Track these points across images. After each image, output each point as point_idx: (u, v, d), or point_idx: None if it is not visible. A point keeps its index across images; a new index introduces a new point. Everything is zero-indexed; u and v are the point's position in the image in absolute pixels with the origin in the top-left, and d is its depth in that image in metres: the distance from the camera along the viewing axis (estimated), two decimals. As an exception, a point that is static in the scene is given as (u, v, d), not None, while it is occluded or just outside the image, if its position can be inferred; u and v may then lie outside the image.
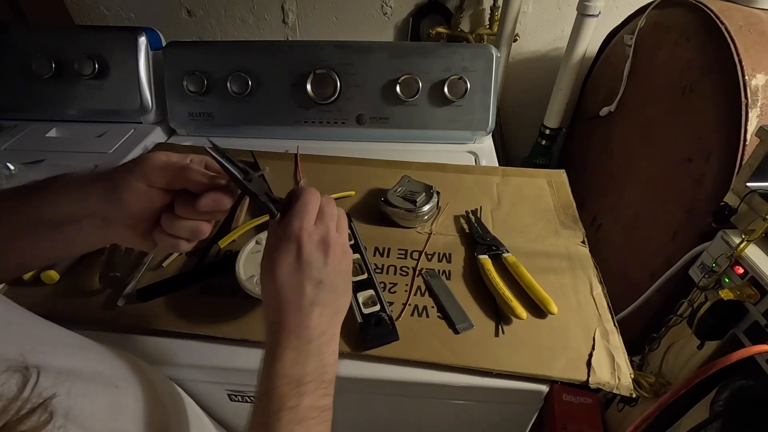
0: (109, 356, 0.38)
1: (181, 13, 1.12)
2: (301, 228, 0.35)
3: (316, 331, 0.35)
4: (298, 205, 0.36)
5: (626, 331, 0.52)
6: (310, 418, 0.33)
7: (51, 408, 0.25)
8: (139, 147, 0.84)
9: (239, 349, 0.49)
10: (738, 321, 0.58)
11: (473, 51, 0.81)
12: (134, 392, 0.36)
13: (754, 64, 0.66)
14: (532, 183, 0.75)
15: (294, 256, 0.35)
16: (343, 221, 0.39)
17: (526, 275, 0.55)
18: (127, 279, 0.55)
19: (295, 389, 0.33)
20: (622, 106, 0.94)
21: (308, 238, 0.35)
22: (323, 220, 0.37)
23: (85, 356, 0.35)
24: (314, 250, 0.35)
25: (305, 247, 0.35)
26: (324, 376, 0.35)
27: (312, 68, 0.82)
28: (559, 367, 0.47)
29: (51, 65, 0.83)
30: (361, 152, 0.82)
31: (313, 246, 0.35)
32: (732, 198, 0.62)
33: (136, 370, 0.39)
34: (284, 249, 0.35)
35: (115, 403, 0.34)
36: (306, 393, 0.33)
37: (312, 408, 0.33)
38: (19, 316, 0.33)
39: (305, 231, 0.35)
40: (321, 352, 0.35)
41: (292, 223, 0.35)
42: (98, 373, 0.34)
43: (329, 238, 0.36)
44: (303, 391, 0.33)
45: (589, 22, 0.92)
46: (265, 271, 0.36)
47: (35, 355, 0.28)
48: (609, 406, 0.89)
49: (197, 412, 0.51)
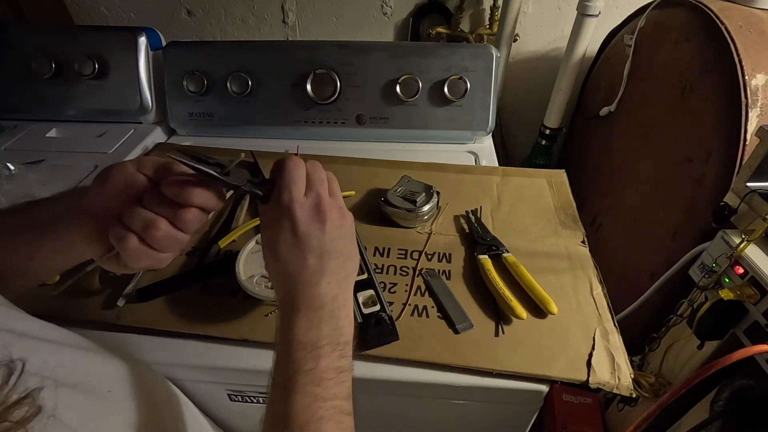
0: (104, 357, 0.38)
1: (181, 13, 1.12)
2: (291, 201, 0.34)
3: (327, 297, 0.35)
4: (283, 179, 0.34)
5: (626, 331, 0.52)
6: (328, 379, 0.32)
7: (39, 402, 0.25)
8: (139, 147, 0.84)
9: (239, 349, 0.49)
10: (738, 321, 0.58)
11: (473, 51, 0.81)
12: (128, 395, 0.36)
13: (754, 64, 0.66)
14: (532, 183, 0.75)
15: (290, 231, 0.34)
16: (334, 183, 0.38)
17: (526, 275, 0.55)
18: (127, 279, 0.55)
19: (311, 353, 0.33)
20: (622, 106, 0.94)
21: (301, 210, 0.34)
22: (313, 187, 0.35)
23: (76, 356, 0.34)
24: (309, 221, 0.34)
25: (299, 220, 0.34)
26: (340, 338, 0.35)
27: (312, 68, 0.82)
28: (559, 367, 0.47)
29: (51, 65, 0.83)
30: (361, 152, 0.82)
31: (307, 217, 0.34)
32: (732, 198, 0.62)
33: (132, 371, 0.39)
34: (279, 227, 0.34)
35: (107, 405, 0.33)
36: (322, 356, 0.33)
37: (329, 369, 0.33)
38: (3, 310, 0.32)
39: (296, 203, 0.34)
40: (334, 317, 0.35)
41: (282, 198, 0.34)
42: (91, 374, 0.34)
43: (322, 205, 0.35)
44: (319, 354, 0.33)
45: (589, 22, 0.92)
46: (266, 252, 0.36)
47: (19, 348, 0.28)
48: (609, 406, 0.89)
49: (194, 413, 0.51)
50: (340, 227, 0.36)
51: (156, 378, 0.46)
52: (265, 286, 0.52)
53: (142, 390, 0.38)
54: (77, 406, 0.29)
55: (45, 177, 0.74)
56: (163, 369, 0.49)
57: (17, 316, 0.33)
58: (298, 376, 0.32)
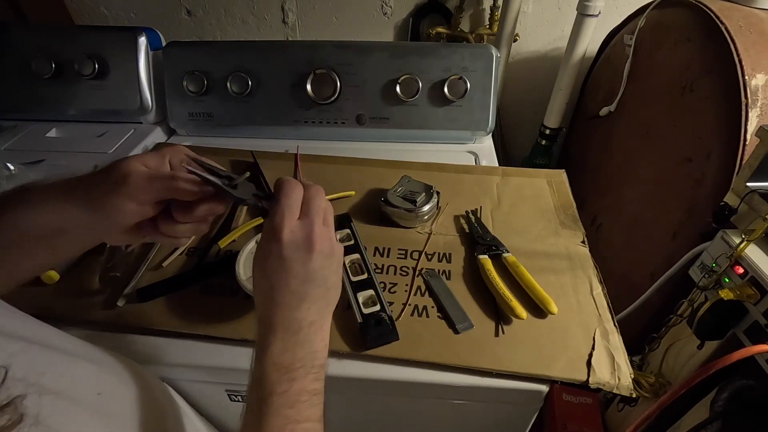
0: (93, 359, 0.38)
1: (181, 13, 1.12)
2: (282, 225, 0.35)
3: (305, 322, 0.35)
4: (279, 202, 0.35)
5: (626, 331, 0.52)
6: (302, 402, 0.33)
7: (22, 410, 0.25)
8: (139, 147, 0.84)
9: (239, 349, 0.49)
10: (738, 321, 0.58)
11: (473, 51, 0.81)
12: (121, 397, 0.36)
13: (754, 64, 0.66)
14: (532, 183, 0.75)
15: (277, 255, 0.35)
16: (330, 214, 0.39)
17: (526, 275, 0.55)
18: (127, 279, 0.55)
19: (285, 375, 0.33)
20: (622, 106, 0.94)
21: (290, 236, 0.35)
22: (309, 213, 0.36)
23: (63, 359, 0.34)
24: (297, 247, 0.35)
25: (286, 245, 0.34)
26: (314, 361, 0.35)
27: (312, 68, 0.82)
28: (559, 367, 0.47)
29: (51, 65, 0.83)
30: (361, 152, 0.82)
31: (296, 242, 0.35)
32: (732, 198, 0.62)
33: (125, 372, 0.39)
34: (268, 248, 0.35)
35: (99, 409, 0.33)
36: (296, 378, 0.33)
37: (303, 392, 0.33)
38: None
39: (287, 228, 0.35)
40: (310, 341, 0.35)
41: (274, 221, 0.35)
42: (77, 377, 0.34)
43: (313, 234, 0.35)
44: (293, 377, 0.33)
45: (589, 22, 0.92)
46: (255, 269, 0.36)
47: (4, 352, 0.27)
48: (609, 406, 0.89)
49: (190, 415, 0.50)
50: (328, 257, 0.37)
51: (148, 378, 0.46)
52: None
53: (133, 392, 0.38)
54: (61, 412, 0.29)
55: (45, 177, 0.74)
56: (163, 369, 0.49)
57: (5, 314, 0.33)
58: (272, 397, 0.32)
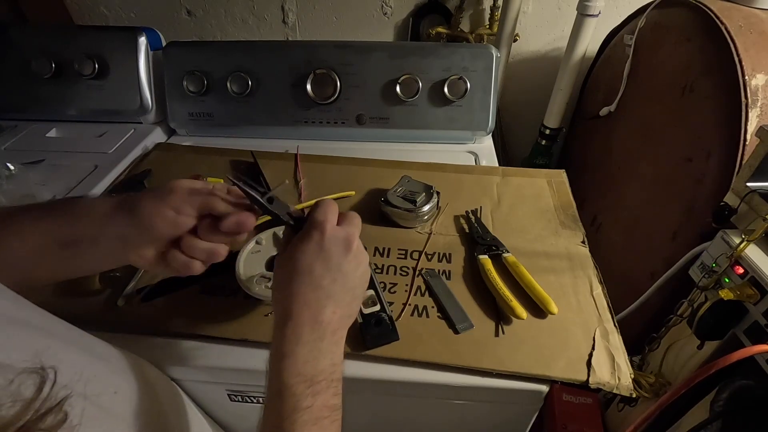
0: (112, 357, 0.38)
1: (181, 13, 1.12)
2: (325, 220, 0.36)
3: (329, 328, 0.35)
4: (319, 209, 0.37)
5: (626, 331, 0.52)
6: (324, 418, 0.32)
7: (66, 407, 0.25)
8: (139, 147, 0.84)
9: (239, 349, 0.49)
10: (738, 321, 0.58)
11: (473, 51, 0.81)
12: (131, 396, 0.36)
13: (754, 64, 0.66)
14: (532, 183, 0.75)
15: (317, 241, 0.35)
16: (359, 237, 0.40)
17: (526, 275, 0.55)
18: (127, 279, 0.55)
19: (309, 388, 0.32)
20: (622, 106, 0.94)
21: (332, 231, 0.36)
22: (349, 223, 0.38)
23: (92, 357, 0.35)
24: (337, 243, 0.36)
25: (328, 237, 0.36)
26: (334, 375, 0.35)
27: (312, 68, 0.82)
28: (559, 367, 0.47)
29: (51, 65, 0.83)
30: (361, 152, 0.82)
31: (336, 239, 0.36)
32: (732, 198, 0.62)
33: (136, 371, 0.39)
34: (306, 236, 0.36)
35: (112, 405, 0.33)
36: (319, 392, 0.33)
37: (325, 407, 0.33)
38: (37, 315, 0.33)
39: (329, 222, 0.36)
40: (332, 351, 0.35)
41: (316, 216, 0.36)
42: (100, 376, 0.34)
43: (352, 237, 0.37)
44: (316, 391, 0.33)
45: (589, 22, 0.92)
46: (284, 258, 0.36)
47: (50, 355, 0.28)
48: (609, 406, 0.89)
49: (196, 413, 0.51)
50: (361, 265, 0.38)
51: (160, 377, 0.46)
52: (265, 287, 0.52)
53: (145, 390, 0.38)
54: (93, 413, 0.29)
55: (45, 177, 0.74)
56: (164, 369, 0.49)
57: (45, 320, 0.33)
58: (295, 414, 0.31)
